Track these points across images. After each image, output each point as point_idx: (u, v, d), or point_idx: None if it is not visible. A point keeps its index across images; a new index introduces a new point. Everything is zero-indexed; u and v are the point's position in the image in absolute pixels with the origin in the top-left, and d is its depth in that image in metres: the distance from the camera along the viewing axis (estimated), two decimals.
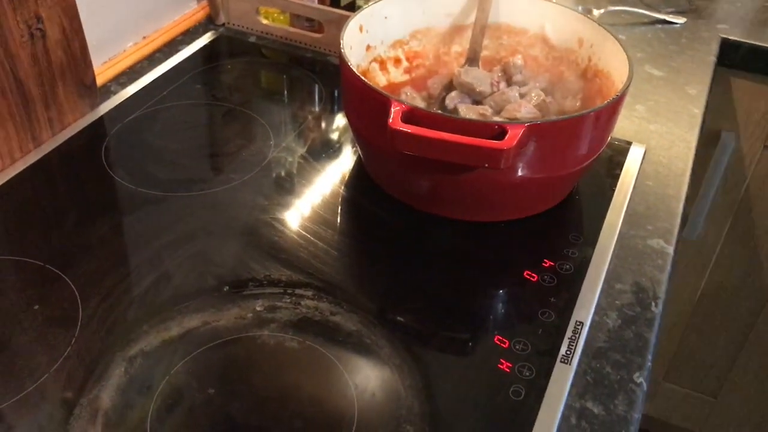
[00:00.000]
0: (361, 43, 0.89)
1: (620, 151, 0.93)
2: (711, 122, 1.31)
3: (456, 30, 0.96)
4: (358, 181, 0.86)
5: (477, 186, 0.76)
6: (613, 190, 0.87)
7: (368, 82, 0.74)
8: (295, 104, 0.99)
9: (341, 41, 0.80)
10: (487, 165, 0.68)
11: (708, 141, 1.33)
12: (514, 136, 0.67)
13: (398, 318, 0.69)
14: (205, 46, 1.10)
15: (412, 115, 0.70)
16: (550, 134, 0.72)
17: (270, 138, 0.92)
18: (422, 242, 0.79)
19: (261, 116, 0.96)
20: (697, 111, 1.03)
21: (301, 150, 0.90)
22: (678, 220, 0.84)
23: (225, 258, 0.74)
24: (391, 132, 0.68)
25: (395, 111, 0.70)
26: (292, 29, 1.11)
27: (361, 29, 0.88)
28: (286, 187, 0.84)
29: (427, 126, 0.70)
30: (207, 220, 0.78)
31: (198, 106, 0.97)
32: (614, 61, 0.84)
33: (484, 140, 0.67)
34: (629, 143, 0.95)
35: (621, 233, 0.81)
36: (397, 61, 0.95)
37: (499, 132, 0.69)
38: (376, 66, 0.93)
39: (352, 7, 1.16)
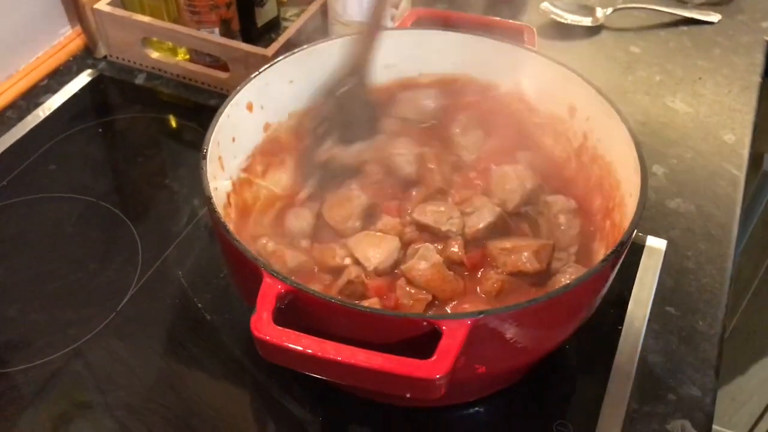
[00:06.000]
0: (254, 125, 0.62)
1: (630, 252, 0.66)
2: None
3: (402, 85, 0.68)
4: None
5: None
6: (619, 330, 0.61)
7: (236, 242, 0.47)
8: (182, 192, 0.72)
9: (202, 173, 0.51)
10: (408, 395, 0.42)
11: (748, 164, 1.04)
12: (449, 350, 0.41)
13: None
14: (76, 93, 0.83)
15: (295, 301, 0.44)
16: (511, 325, 0.45)
17: (138, 253, 0.66)
18: None
19: (130, 215, 0.69)
20: (738, 173, 0.75)
21: (181, 273, 0.64)
22: (713, 378, 0.58)
23: None
24: (256, 341, 0.43)
25: (265, 300, 0.44)
26: (189, 66, 0.83)
27: (250, 107, 0.60)
28: (148, 351, 0.59)
29: (317, 320, 0.44)
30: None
31: (46, 201, 0.70)
32: (620, 152, 0.56)
33: (399, 362, 0.41)
34: (642, 240, 0.68)
35: (629, 412, 0.55)
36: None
37: (429, 332, 0.43)
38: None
39: (276, 27, 0.88)
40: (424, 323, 0.43)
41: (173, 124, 0.80)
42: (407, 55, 0.66)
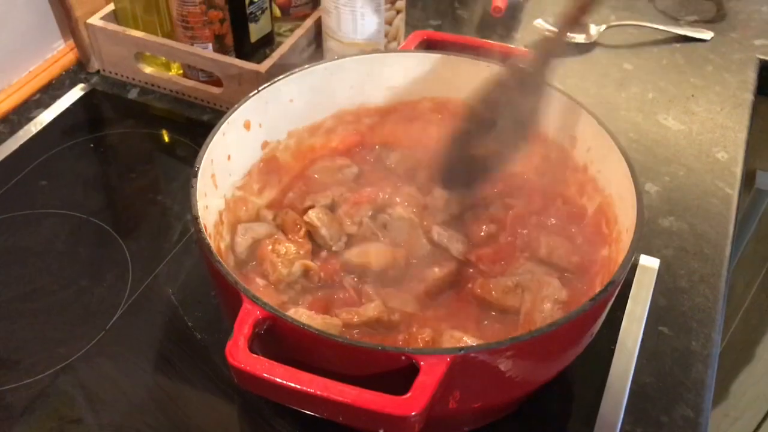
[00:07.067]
0: (252, 143, 0.61)
1: None
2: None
3: (404, 107, 0.68)
4: None
5: None
6: (612, 350, 0.60)
7: (219, 264, 0.47)
8: (174, 208, 0.72)
9: (191, 191, 0.51)
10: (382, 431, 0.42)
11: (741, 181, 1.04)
12: (425, 387, 0.40)
13: None
14: (68, 108, 0.82)
15: (273, 328, 0.44)
16: (493, 363, 0.44)
17: (128, 270, 0.65)
18: None
19: (121, 231, 0.69)
20: (731, 192, 0.75)
21: (171, 291, 0.63)
22: (708, 395, 0.58)
23: None
24: (230, 368, 0.42)
25: (243, 325, 0.43)
26: (183, 81, 0.83)
27: (248, 126, 0.60)
28: (137, 370, 0.58)
29: (295, 348, 0.44)
30: None
31: (37, 217, 0.70)
32: (619, 186, 0.55)
33: (373, 397, 0.40)
34: (636, 259, 0.67)
35: None
36: (311, 150, 0.67)
37: (407, 366, 0.42)
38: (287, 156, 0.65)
39: (269, 42, 0.88)
40: (402, 357, 0.42)
41: (166, 139, 0.80)
42: (410, 78, 0.65)
